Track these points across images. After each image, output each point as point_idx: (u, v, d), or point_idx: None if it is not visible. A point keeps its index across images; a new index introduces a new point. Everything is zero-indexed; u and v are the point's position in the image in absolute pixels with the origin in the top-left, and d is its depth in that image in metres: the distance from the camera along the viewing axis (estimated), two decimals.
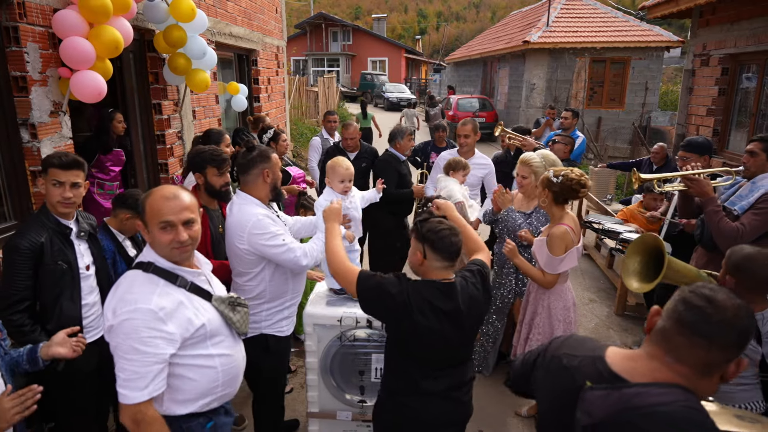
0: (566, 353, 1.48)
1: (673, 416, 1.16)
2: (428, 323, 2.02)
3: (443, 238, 2.06)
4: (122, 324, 1.71)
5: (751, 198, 3.12)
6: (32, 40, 3.29)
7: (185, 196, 1.84)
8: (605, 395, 1.26)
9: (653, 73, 15.40)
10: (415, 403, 2.15)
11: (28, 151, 3.37)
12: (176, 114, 5.55)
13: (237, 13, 7.26)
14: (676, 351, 1.24)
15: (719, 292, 1.24)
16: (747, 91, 6.70)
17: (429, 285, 2.07)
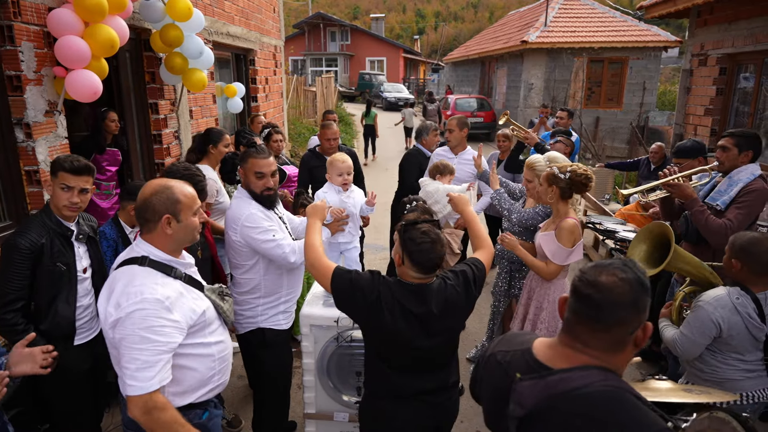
0: (500, 350, 1.52)
1: (592, 396, 1.22)
2: (396, 325, 1.99)
3: (422, 252, 1.98)
4: (131, 315, 1.71)
5: (731, 192, 3.20)
6: (27, 38, 3.26)
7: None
8: (533, 384, 1.30)
9: (651, 73, 15.42)
10: (388, 405, 2.14)
11: (23, 151, 3.34)
12: (173, 114, 5.53)
13: (234, 13, 7.24)
14: (581, 338, 1.30)
15: (603, 272, 1.28)
16: (745, 91, 6.70)
17: (402, 286, 2.05)
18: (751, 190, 3.13)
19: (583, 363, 1.29)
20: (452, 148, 4.70)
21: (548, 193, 3.03)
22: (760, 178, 3.19)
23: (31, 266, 2.38)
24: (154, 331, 1.71)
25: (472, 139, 16.61)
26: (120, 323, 1.72)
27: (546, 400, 1.26)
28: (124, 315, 1.71)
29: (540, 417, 1.27)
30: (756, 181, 3.16)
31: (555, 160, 3.56)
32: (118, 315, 1.72)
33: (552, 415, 1.25)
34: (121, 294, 1.75)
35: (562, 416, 1.24)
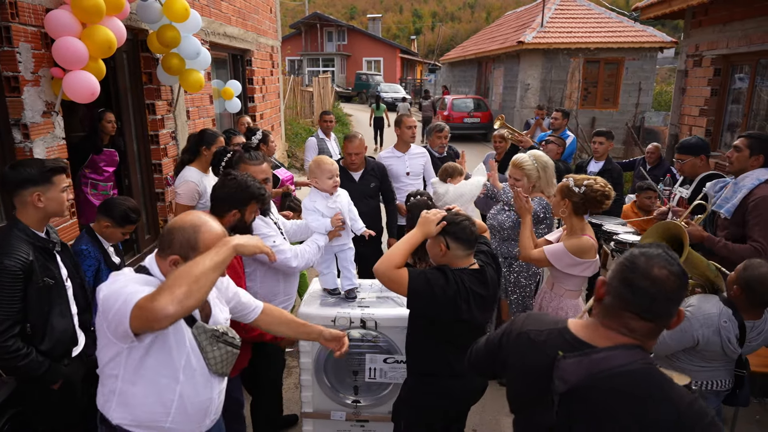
0: (532, 329, 1.56)
1: (636, 373, 1.31)
2: (471, 313, 2.20)
3: (464, 228, 2.22)
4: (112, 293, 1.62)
5: (735, 200, 3.09)
6: (24, 39, 3.27)
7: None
8: (578, 362, 1.36)
9: (647, 74, 15.49)
10: (453, 383, 2.33)
11: (21, 152, 3.35)
12: (170, 114, 5.53)
13: (231, 13, 7.25)
14: (628, 325, 1.36)
15: (655, 264, 1.32)
16: (739, 92, 6.75)
17: (466, 273, 2.24)
18: (759, 201, 2.99)
19: (626, 342, 1.36)
20: (401, 146, 4.80)
21: (560, 206, 2.88)
22: (766, 183, 3.08)
23: (23, 288, 2.22)
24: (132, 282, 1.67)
25: (470, 140, 16.67)
26: (105, 308, 1.62)
27: (589, 377, 1.33)
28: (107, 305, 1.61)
29: (583, 393, 1.33)
30: (760, 188, 3.05)
31: (539, 157, 3.58)
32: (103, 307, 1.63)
33: (595, 391, 1.32)
34: (109, 291, 1.65)
35: (604, 392, 1.31)
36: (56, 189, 2.36)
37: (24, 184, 2.28)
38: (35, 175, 2.29)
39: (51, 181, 2.34)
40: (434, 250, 2.31)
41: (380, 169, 4.41)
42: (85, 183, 4.67)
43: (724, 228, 3.21)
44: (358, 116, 23.79)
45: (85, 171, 4.70)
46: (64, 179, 2.42)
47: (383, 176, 4.40)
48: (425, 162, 4.85)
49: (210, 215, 1.85)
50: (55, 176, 2.36)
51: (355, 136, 4.17)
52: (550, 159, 3.67)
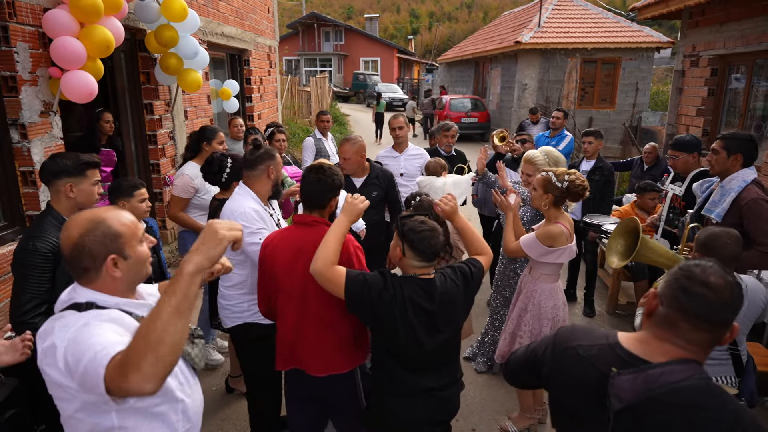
0: (581, 344, 1.52)
1: (694, 389, 1.28)
2: (409, 322, 2.05)
3: (423, 240, 2.08)
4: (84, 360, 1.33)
5: (724, 204, 3.11)
6: (22, 39, 3.26)
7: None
8: (633, 378, 1.33)
9: (644, 74, 15.53)
10: (399, 401, 2.17)
11: (18, 152, 3.34)
12: (168, 114, 5.52)
13: (229, 13, 7.24)
14: (684, 335, 1.33)
15: (711, 273, 1.32)
16: (736, 92, 6.77)
17: (410, 281, 2.11)
18: (750, 204, 3.01)
19: (682, 357, 1.33)
20: (398, 146, 4.77)
21: (543, 199, 3.01)
22: (753, 183, 3.09)
23: (53, 269, 2.33)
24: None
25: (467, 140, 16.68)
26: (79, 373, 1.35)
27: (646, 393, 1.30)
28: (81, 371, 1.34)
29: (639, 410, 1.30)
30: (747, 190, 3.06)
31: (551, 152, 3.63)
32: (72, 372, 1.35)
33: (653, 407, 1.29)
34: (71, 346, 1.35)
35: (663, 409, 1.28)
36: (88, 182, 2.48)
37: (59, 174, 2.41)
38: (70, 167, 2.42)
39: (84, 174, 2.46)
40: (394, 251, 2.20)
41: (386, 178, 3.97)
42: None
43: None
44: (356, 116, 23.78)
45: None
46: (96, 173, 2.52)
47: (389, 185, 3.96)
48: (422, 163, 4.76)
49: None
50: (88, 170, 2.47)
51: (347, 140, 3.79)
52: (561, 155, 3.71)
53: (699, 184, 3.62)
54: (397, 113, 4.83)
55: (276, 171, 2.82)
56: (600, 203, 5.03)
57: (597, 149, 5.21)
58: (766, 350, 3.70)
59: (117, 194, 2.91)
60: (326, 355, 2.37)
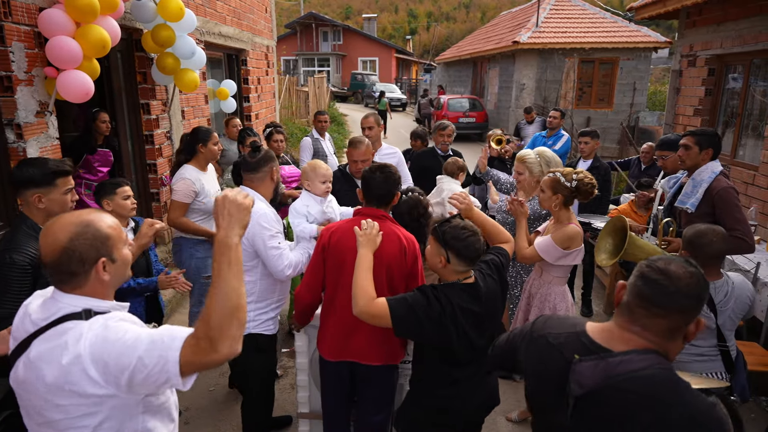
0: (551, 332, 1.58)
1: (653, 378, 1.31)
2: (460, 331, 2.09)
3: (468, 246, 2.09)
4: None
5: (698, 194, 3.29)
6: (18, 39, 3.25)
7: None
8: (593, 365, 1.37)
9: (641, 74, 15.55)
10: (452, 394, 2.22)
11: (14, 152, 3.33)
12: (165, 114, 5.51)
13: (226, 13, 7.23)
14: (640, 321, 1.37)
15: (672, 263, 1.37)
16: (733, 92, 6.78)
17: (454, 288, 2.13)
18: (721, 193, 3.20)
19: (642, 346, 1.36)
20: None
21: (552, 200, 2.98)
22: (721, 174, 3.30)
23: (33, 281, 2.21)
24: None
25: (465, 140, 16.68)
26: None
27: (605, 380, 1.33)
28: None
29: (598, 396, 1.34)
30: (718, 180, 3.25)
31: (543, 152, 3.63)
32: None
33: (611, 394, 1.32)
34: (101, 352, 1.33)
35: (622, 395, 1.31)
36: (58, 191, 2.34)
37: (26, 184, 2.29)
38: (37, 177, 2.28)
39: (53, 183, 2.32)
40: (433, 259, 2.18)
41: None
42: (79, 183, 4.64)
43: (689, 221, 3.37)
44: (354, 116, 23.75)
45: (80, 171, 4.67)
46: (68, 182, 2.39)
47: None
48: (396, 161, 4.71)
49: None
50: (58, 179, 2.33)
51: (360, 142, 3.71)
52: (555, 156, 3.70)
53: (666, 180, 3.81)
54: (368, 113, 4.78)
55: (278, 173, 2.82)
56: (597, 203, 5.04)
57: (594, 149, 5.23)
58: (763, 350, 3.70)
59: (101, 194, 2.85)
60: (385, 345, 2.45)
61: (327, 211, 3.03)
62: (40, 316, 1.41)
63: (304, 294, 2.54)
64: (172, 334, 1.34)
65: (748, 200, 5.73)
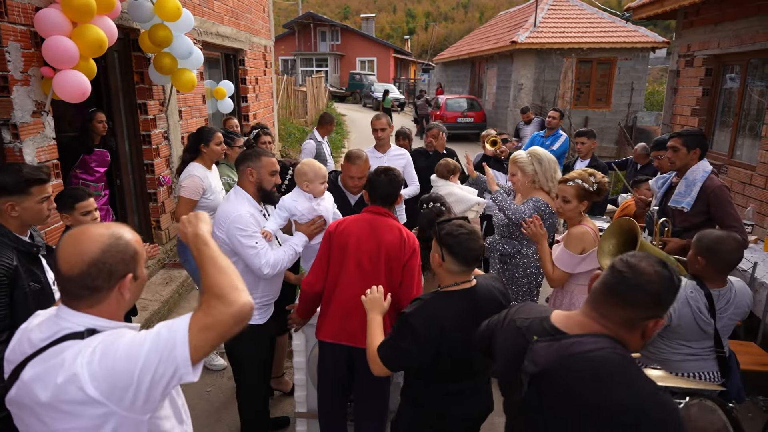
0: (520, 317, 1.65)
1: (602, 359, 1.37)
2: (458, 336, 2.04)
3: (461, 243, 2.04)
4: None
5: (693, 193, 3.34)
6: (14, 38, 3.24)
7: None
8: (548, 345, 1.45)
9: (639, 74, 15.56)
10: (449, 403, 2.19)
11: (10, 152, 3.32)
12: (162, 114, 5.50)
13: (224, 13, 7.22)
14: (599, 308, 1.45)
15: (644, 260, 1.41)
16: (730, 92, 6.79)
17: (441, 300, 2.08)
18: (716, 191, 3.27)
19: (598, 331, 1.43)
20: (380, 147, 4.77)
21: (579, 208, 2.95)
22: (712, 173, 3.37)
23: (9, 293, 2.12)
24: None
25: (463, 140, 16.69)
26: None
27: (558, 360, 1.41)
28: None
29: (551, 374, 1.42)
30: (711, 179, 3.32)
31: (534, 152, 3.61)
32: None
33: (562, 373, 1.40)
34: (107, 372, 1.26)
35: (571, 374, 1.38)
36: (32, 200, 2.25)
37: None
38: (9, 185, 2.20)
39: (27, 192, 2.24)
40: (434, 257, 2.17)
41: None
42: (76, 184, 4.63)
43: (684, 220, 3.44)
44: (352, 116, 23.76)
45: (76, 171, 4.65)
46: (43, 190, 2.30)
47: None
48: (405, 164, 4.79)
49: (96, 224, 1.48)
50: (32, 187, 2.25)
51: (359, 157, 3.45)
52: (548, 154, 3.66)
53: (654, 180, 3.87)
54: (379, 114, 4.79)
55: (257, 173, 2.75)
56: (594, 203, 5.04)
57: (591, 149, 5.24)
58: (760, 350, 3.70)
59: (58, 206, 2.70)
60: (384, 329, 2.46)
61: (318, 209, 2.99)
62: (40, 336, 1.33)
63: (313, 282, 2.65)
64: (173, 320, 1.31)
65: (746, 200, 5.74)
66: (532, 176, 3.55)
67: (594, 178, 2.93)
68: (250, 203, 2.75)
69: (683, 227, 3.42)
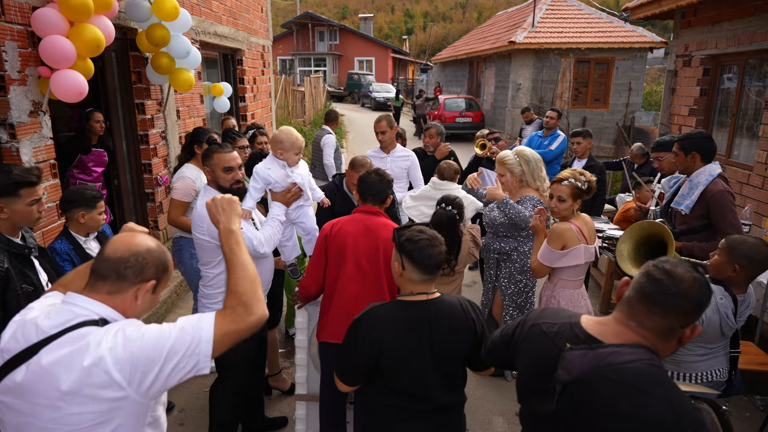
0: (545, 321, 1.59)
1: (640, 371, 1.33)
2: (401, 351, 1.93)
3: (421, 250, 1.92)
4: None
5: (693, 196, 3.31)
6: (11, 38, 3.23)
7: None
8: (583, 354, 1.40)
9: (637, 74, 15.59)
10: (391, 417, 2.02)
11: (7, 152, 3.31)
12: (160, 114, 5.49)
13: (222, 12, 7.21)
14: (637, 317, 1.39)
15: (679, 266, 1.38)
16: (728, 92, 6.80)
17: (400, 307, 1.98)
18: (716, 196, 3.22)
19: (634, 341, 1.38)
20: (384, 148, 4.77)
21: (573, 207, 3.02)
22: (720, 177, 3.29)
23: (1, 295, 2.11)
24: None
25: (461, 140, 16.69)
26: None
27: (594, 370, 1.36)
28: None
29: (585, 384, 1.37)
30: (714, 183, 3.25)
31: (521, 152, 3.66)
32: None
33: (598, 383, 1.35)
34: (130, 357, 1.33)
35: (608, 385, 1.33)
36: (22, 202, 2.24)
37: None
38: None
39: (17, 194, 2.23)
40: (393, 267, 2.04)
41: (390, 210, 3.77)
42: (73, 183, 4.62)
43: (684, 222, 3.44)
44: (351, 116, 23.76)
45: (74, 171, 4.64)
46: (33, 192, 2.29)
47: (389, 209, 3.72)
48: (409, 165, 4.79)
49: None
50: (22, 189, 2.24)
51: (362, 165, 3.58)
52: (534, 153, 3.73)
53: (667, 180, 3.86)
54: (380, 116, 4.80)
55: (211, 171, 2.70)
56: (592, 202, 5.05)
57: (587, 149, 5.26)
58: (758, 349, 3.71)
59: (79, 203, 2.77)
60: None
61: (292, 176, 2.93)
62: (50, 323, 1.36)
63: (309, 284, 2.73)
64: (198, 318, 1.42)
65: (743, 200, 5.75)
66: (521, 176, 3.65)
67: (584, 177, 3.00)
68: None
69: (682, 229, 3.43)
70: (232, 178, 2.72)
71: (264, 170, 2.88)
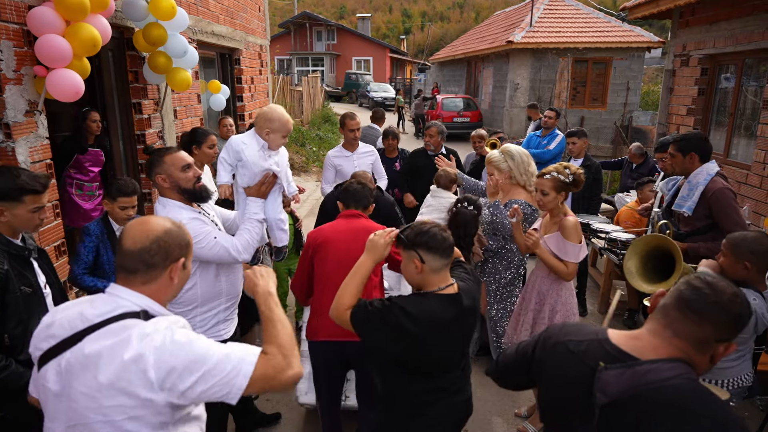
0: (570, 339, 1.53)
1: (681, 388, 1.27)
2: (434, 341, 1.98)
3: (434, 236, 1.99)
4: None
5: (694, 197, 3.31)
6: (6, 37, 3.20)
7: None
8: (620, 374, 1.34)
9: (634, 73, 15.61)
10: (421, 412, 2.10)
11: (3, 152, 3.28)
12: (157, 113, 5.47)
13: (219, 12, 7.19)
14: (672, 325, 1.35)
15: (720, 280, 1.36)
16: (726, 91, 6.81)
17: (428, 299, 2.00)
18: (717, 194, 3.21)
19: (671, 354, 1.33)
20: (349, 147, 4.83)
21: (558, 199, 3.07)
22: (718, 175, 3.29)
23: (1, 294, 2.10)
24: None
25: (459, 139, 16.69)
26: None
27: (632, 390, 1.30)
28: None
29: (624, 405, 1.31)
30: (713, 182, 3.25)
31: (506, 149, 3.69)
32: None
33: (639, 403, 1.29)
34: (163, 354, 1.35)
35: (650, 405, 1.28)
36: (24, 208, 2.22)
37: None
38: (2, 189, 2.18)
39: (20, 200, 2.21)
40: (409, 269, 2.05)
41: (387, 208, 3.80)
42: (70, 183, 4.60)
43: (687, 224, 3.42)
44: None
45: (70, 171, 4.62)
46: (37, 200, 2.27)
47: (389, 216, 3.77)
48: (373, 161, 4.89)
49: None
50: (25, 196, 2.22)
51: (352, 117, 4.10)
52: (519, 148, 3.76)
53: (665, 182, 3.84)
54: (354, 113, 4.82)
55: (167, 176, 2.44)
56: (589, 201, 5.05)
57: (582, 148, 5.26)
58: None
59: (118, 192, 3.01)
60: (368, 292, 2.59)
61: (268, 162, 2.75)
62: (94, 312, 1.41)
63: (296, 288, 2.90)
64: (244, 350, 1.42)
65: (741, 199, 5.75)
66: (508, 172, 3.69)
67: (569, 170, 3.06)
68: (185, 209, 2.46)
69: (687, 231, 3.41)
70: (193, 176, 2.45)
71: (239, 144, 2.67)
